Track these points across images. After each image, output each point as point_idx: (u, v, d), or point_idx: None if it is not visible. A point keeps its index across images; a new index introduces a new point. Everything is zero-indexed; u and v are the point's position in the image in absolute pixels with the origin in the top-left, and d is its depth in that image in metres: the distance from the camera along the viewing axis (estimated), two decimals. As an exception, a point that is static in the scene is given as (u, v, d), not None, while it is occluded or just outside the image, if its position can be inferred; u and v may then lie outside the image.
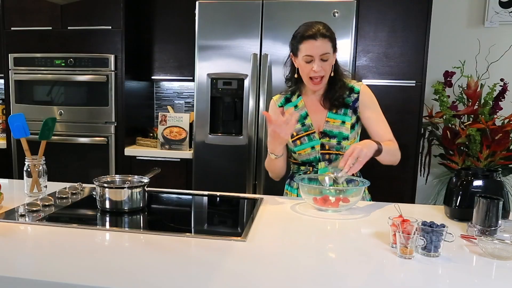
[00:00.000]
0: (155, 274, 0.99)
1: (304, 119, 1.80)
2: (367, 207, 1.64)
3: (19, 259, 1.08)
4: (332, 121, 1.77)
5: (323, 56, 1.66)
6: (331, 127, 1.76)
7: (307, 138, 1.77)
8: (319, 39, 1.64)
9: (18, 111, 3.15)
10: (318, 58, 1.66)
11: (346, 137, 1.75)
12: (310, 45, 1.65)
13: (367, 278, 1.01)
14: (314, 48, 1.65)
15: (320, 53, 1.65)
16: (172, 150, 3.08)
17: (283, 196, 1.82)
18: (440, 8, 3.11)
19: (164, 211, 1.65)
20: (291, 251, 1.18)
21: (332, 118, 1.77)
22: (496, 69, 3.09)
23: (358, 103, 1.77)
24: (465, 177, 1.48)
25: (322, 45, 1.65)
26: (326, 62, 1.68)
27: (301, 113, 1.80)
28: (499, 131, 2.73)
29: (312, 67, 1.67)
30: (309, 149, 1.77)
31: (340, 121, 1.76)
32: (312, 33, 1.65)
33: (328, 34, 1.66)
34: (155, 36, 3.24)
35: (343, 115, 1.77)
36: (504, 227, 1.31)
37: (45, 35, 3.14)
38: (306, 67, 1.69)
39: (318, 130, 1.78)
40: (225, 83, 2.80)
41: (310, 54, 1.66)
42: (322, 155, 1.76)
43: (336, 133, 1.75)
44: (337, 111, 1.77)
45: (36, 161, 1.65)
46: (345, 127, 1.75)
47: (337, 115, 1.77)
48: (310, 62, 1.68)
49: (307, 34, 1.65)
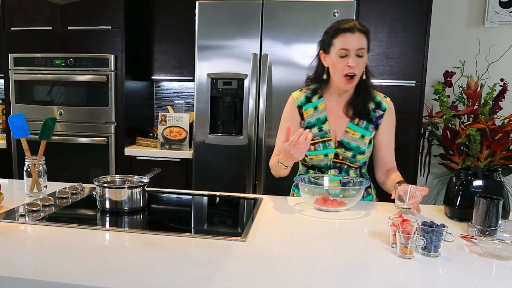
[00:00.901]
0: (155, 274, 0.99)
1: (322, 123, 1.71)
2: (367, 206, 1.64)
3: (19, 259, 1.08)
4: (351, 132, 1.70)
5: (359, 52, 1.58)
6: (349, 139, 1.69)
7: (322, 145, 1.70)
8: (356, 32, 1.57)
9: (18, 111, 3.15)
10: (354, 53, 1.57)
11: (363, 151, 1.69)
12: (346, 38, 1.57)
13: (367, 278, 1.01)
14: (350, 42, 1.57)
15: (357, 47, 1.57)
16: (172, 150, 3.08)
17: (283, 196, 1.82)
18: (440, 8, 3.11)
19: (164, 211, 1.65)
20: (291, 251, 1.18)
21: (352, 130, 1.70)
22: (496, 69, 3.09)
23: (381, 121, 1.71)
24: (465, 177, 1.48)
25: (359, 39, 1.57)
26: (361, 58, 1.59)
27: (320, 116, 1.72)
28: (499, 131, 2.73)
29: (347, 62, 1.57)
30: (322, 156, 1.71)
31: (360, 135, 1.69)
32: (349, 26, 1.57)
33: (365, 30, 1.59)
34: (155, 36, 3.24)
35: (364, 129, 1.70)
36: (504, 227, 1.31)
37: (45, 35, 3.14)
38: (340, 63, 1.59)
39: (335, 138, 1.71)
40: (225, 83, 2.80)
41: (346, 48, 1.57)
42: (333, 163, 1.71)
43: (354, 146, 1.69)
44: (358, 123, 1.70)
45: (36, 161, 1.65)
46: (364, 141, 1.69)
47: (358, 127, 1.70)
48: (344, 57, 1.58)
49: (343, 27, 1.58)
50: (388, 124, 1.73)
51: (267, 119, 2.75)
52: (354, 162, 1.71)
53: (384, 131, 1.73)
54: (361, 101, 1.69)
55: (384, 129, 1.73)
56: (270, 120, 2.75)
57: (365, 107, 1.70)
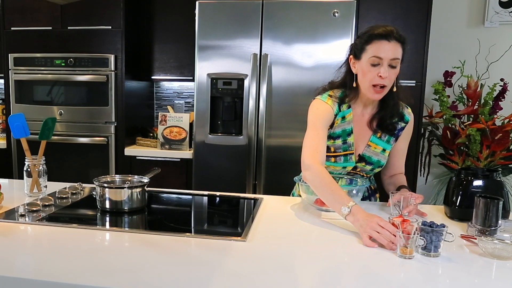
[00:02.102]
0: (155, 274, 0.99)
1: (347, 136, 1.62)
2: (367, 207, 1.63)
3: (19, 259, 1.08)
4: (374, 146, 1.63)
5: (393, 62, 1.46)
6: (371, 153, 1.64)
7: (343, 158, 1.63)
8: (392, 41, 1.44)
9: (18, 111, 3.15)
10: (387, 63, 1.45)
11: (382, 165, 1.65)
12: (381, 46, 1.44)
13: (367, 278, 1.01)
14: (385, 50, 1.44)
15: (391, 57, 1.45)
16: (172, 150, 3.08)
17: (283, 196, 1.82)
18: (440, 8, 3.11)
19: (164, 211, 1.65)
20: (291, 251, 1.18)
21: (374, 143, 1.63)
22: (496, 69, 3.08)
23: (401, 132, 1.66)
24: (465, 177, 1.48)
25: (395, 48, 1.45)
26: (394, 69, 1.48)
27: (347, 128, 1.62)
28: (499, 131, 2.73)
29: (379, 72, 1.45)
30: (340, 168, 1.65)
31: (381, 148, 1.64)
32: (386, 32, 1.44)
33: (402, 40, 1.47)
34: (155, 36, 3.24)
35: (386, 143, 1.64)
36: (504, 227, 1.31)
37: (45, 35, 3.14)
38: (371, 72, 1.47)
39: (356, 151, 1.64)
40: (225, 83, 2.80)
41: (379, 56, 1.45)
42: (347, 173, 1.67)
43: (375, 160, 1.64)
44: (381, 136, 1.63)
45: (36, 161, 1.65)
46: (384, 155, 1.64)
47: (380, 140, 1.64)
48: (376, 66, 1.46)
49: (379, 33, 1.45)
50: (406, 135, 1.69)
51: (267, 119, 2.75)
52: (370, 174, 1.70)
53: (402, 141, 1.69)
54: (389, 117, 1.61)
55: (402, 139, 1.68)
56: (270, 120, 2.75)
57: (393, 123, 1.62)
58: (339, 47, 2.62)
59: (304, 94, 2.68)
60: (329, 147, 1.62)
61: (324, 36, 2.64)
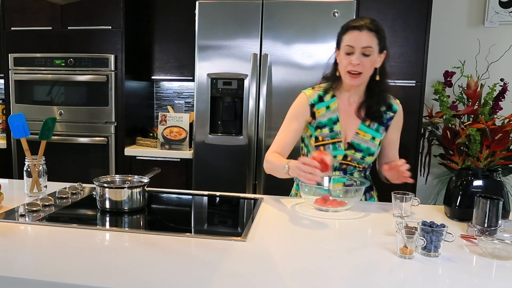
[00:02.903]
0: (155, 274, 0.99)
1: (334, 124, 1.69)
2: (367, 206, 1.64)
3: (19, 259, 1.08)
4: (362, 134, 1.69)
5: (365, 50, 1.57)
6: (360, 141, 1.68)
7: (331, 147, 1.68)
8: (364, 31, 1.56)
9: (18, 111, 3.15)
10: (359, 51, 1.57)
11: (372, 153, 1.69)
12: (353, 36, 1.58)
13: (367, 278, 1.01)
14: (355, 39, 1.57)
15: (362, 45, 1.56)
16: (172, 150, 3.08)
17: (283, 196, 1.82)
18: (440, 8, 3.11)
19: (164, 211, 1.65)
20: (291, 251, 1.18)
21: (363, 131, 1.69)
22: (496, 69, 3.09)
23: (391, 122, 1.71)
24: (465, 177, 1.48)
25: (366, 37, 1.56)
26: (367, 57, 1.58)
27: (332, 116, 1.69)
28: (499, 131, 2.73)
29: (351, 59, 1.58)
30: None
31: (370, 136, 1.69)
32: (359, 24, 1.58)
33: (375, 29, 1.58)
34: (155, 36, 3.24)
35: (375, 131, 1.70)
36: (504, 227, 1.31)
37: (45, 35, 3.14)
38: (345, 59, 1.60)
39: (345, 140, 1.69)
40: (225, 83, 2.80)
41: (351, 45, 1.58)
42: (340, 164, 1.70)
43: (364, 147, 1.68)
44: (369, 125, 1.69)
45: (36, 161, 1.65)
46: (374, 143, 1.69)
47: (369, 129, 1.69)
48: (350, 54, 1.59)
49: (353, 25, 1.59)
50: (396, 125, 1.74)
51: (267, 119, 2.75)
52: (362, 163, 1.70)
53: (392, 131, 1.74)
54: (375, 103, 1.68)
55: (392, 129, 1.73)
56: (270, 120, 2.75)
57: (379, 110, 1.69)
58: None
59: (304, 94, 2.67)
60: (317, 137, 1.70)
61: (324, 36, 2.64)
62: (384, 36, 1.61)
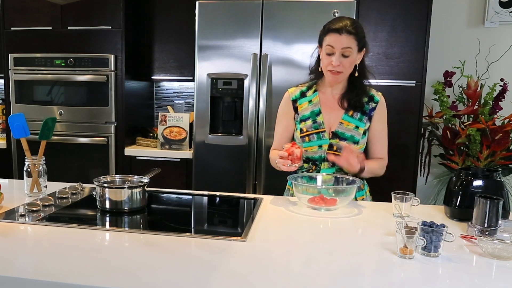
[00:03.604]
0: (155, 274, 0.99)
1: (316, 116, 1.78)
2: (367, 206, 1.64)
3: (19, 259, 1.08)
4: (346, 123, 1.76)
5: (344, 51, 1.66)
6: (343, 130, 1.75)
7: (316, 136, 1.76)
8: (344, 34, 1.65)
9: (18, 111, 3.15)
10: (339, 52, 1.66)
11: (357, 141, 1.75)
12: (333, 38, 1.66)
13: (367, 278, 1.01)
14: (335, 41, 1.66)
15: (341, 47, 1.65)
16: (172, 150, 3.08)
17: (283, 196, 1.82)
18: (440, 8, 3.11)
19: (164, 211, 1.65)
20: (291, 250, 1.18)
21: (346, 121, 1.76)
22: (496, 69, 3.08)
23: (374, 113, 1.78)
24: (465, 177, 1.48)
25: (346, 40, 1.65)
26: (346, 58, 1.67)
27: (314, 109, 1.78)
28: (499, 131, 2.73)
29: (332, 60, 1.67)
30: (316, 147, 1.76)
31: (354, 125, 1.76)
32: (339, 27, 1.65)
33: (354, 31, 1.66)
34: (155, 36, 3.24)
35: (358, 120, 1.76)
36: (504, 227, 1.31)
37: (45, 35, 3.14)
38: (326, 59, 1.70)
39: (330, 129, 1.77)
40: (225, 83, 2.80)
41: (332, 45, 1.66)
42: (327, 154, 1.75)
43: (348, 136, 1.75)
44: (352, 115, 1.76)
45: (36, 161, 1.65)
46: (358, 131, 1.75)
47: (352, 118, 1.76)
48: (331, 55, 1.68)
49: (333, 27, 1.67)
50: (380, 117, 1.80)
51: (267, 119, 2.75)
52: None
53: (376, 123, 1.79)
54: (355, 95, 1.76)
55: (376, 121, 1.79)
56: (270, 120, 2.75)
57: (360, 100, 1.77)
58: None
59: (304, 94, 2.68)
60: (301, 129, 1.79)
61: (324, 36, 2.64)
62: (363, 36, 1.70)
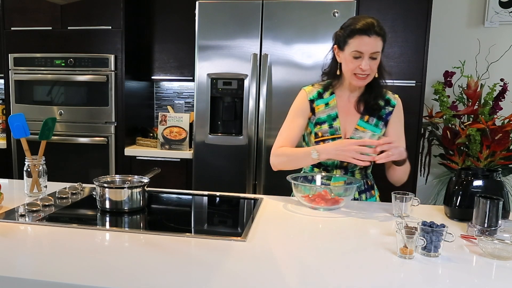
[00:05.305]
0: (155, 274, 0.99)
1: (333, 120, 1.70)
2: (367, 206, 1.64)
3: (19, 259, 1.08)
4: (361, 129, 1.69)
5: (373, 55, 1.57)
6: (359, 136, 1.68)
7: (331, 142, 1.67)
8: (373, 36, 1.54)
9: (18, 111, 3.15)
10: (368, 56, 1.56)
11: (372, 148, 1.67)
12: (361, 41, 1.55)
13: (367, 278, 1.01)
14: (365, 45, 1.54)
15: (371, 51, 1.55)
16: (172, 150, 3.08)
17: (283, 196, 1.82)
18: (440, 8, 3.11)
19: (164, 211, 1.65)
20: (291, 251, 1.18)
21: (362, 127, 1.69)
22: (496, 69, 3.09)
23: (390, 117, 1.71)
24: (465, 177, 1.48)
25: (375, 42, 1.55)
26: (374, 60, 1.59)
27: (331, 113, 1.71)
28: (499, 131, 2.73)
29: (360, 64, 1.57)
30: None
31: (370, 132, 1.69)
32: (366, 27, 1.54)
33: (382, 32, 1.56)
34: (155, 36, 3.24)
35: (374, 126, 1.70)
36: (504, 227, 1.31)
37: (45, 35, 3.14)
38: (353, 63, 1.59)
39: (345, 135, 1.70)
40: (225, 83, 2.80)
41: (360, 51, 1.55)
42: (340, 162, 1.69)
43: None
44: (368, 120, 1.70)
45: (36, 161, 1.65)
46: (374, 138, 1.67)
47: (368, 124, 1.69)
48: (358, 58, 1.57)
49: (360, 28, 1.54)
50: (397, 120, 1.73)
51: (267, 119, 2.75)
52: None
53: (394, 126, 1.73)
54: (372, 98, 1.69)
55: (393, 124, 1.72)
56: (270, 120, 2.75)
57: (377, 104, 1.69)
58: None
59: (304, 94, 2.68)
60: (316, 133, 1.71)
61: (324, 36, 2.64)
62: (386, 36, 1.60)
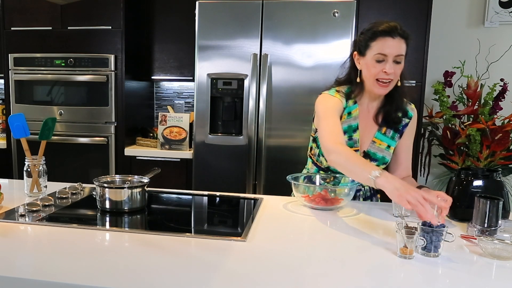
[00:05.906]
0: (155, 274, 0.99)
1: (353, 132, 1.62)
2: (367, 207, 1.64)
3: (19, 259, 1.08)
4: (378, 142, 1.64)
5: (397, 58, 1.48)
6: (376, 150, 1.64)
7: None
8: (396, 37, 1.46)
9: (18, 111, 3.15)
10: (392, 59, 1.48)
11: (387, 162, 1.65)
12: (385, 43, 1.47)
13: (367, 278, 1.01)
14: (389, 47, 1.46)
15: (396, 54, 1.47)
16: (172, 150, 3.08)
17: (283, 196, 1.82)
18: (440, 8, 3.11)
19: (164, 211, 1.65)
20: (291, 250, 1.18)
21: (379, 140, 1.64)
22: (496, 69, 3.09)
23: (406, 129, 1.66)
24: (465, 177, 1.48)
25: (399, 45, 1.47)
26: (398, 65, 1.50)
27: (352, 124, 1.62)
28: (499, 131, 2.73)
29: (383, 68, 1.48)
30: None
31: (386, 145, 1.64)
32: (389, 29, 1.46)
33: (406, 35, 1.49)
34: (155, 36, 3.24)
35: (390, 139, 1.65)
36: (504, 227, 1.31)
37: (45, 35, 3.14)
38: (376, 67, 1.50)
39: (361, 148, 1.65)
40: (225, 83, 2.80)
41: (384, 53, 1.47)
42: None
43: (380, 157, 1.64)
44: (385, 132, 1.64)
45: (36, 161, 1.65)
46: (389, 152, 1.65)
47: (385, 137, 1.64)
48: (381, 62, 1.49)
49: (383, 29, 1.47)
50: (411, 132, 1.69)
51: (267, 119, 2.75)
52: None
53: (406, 138, 1.69)
54: (394, 110, 1.62)
55: (406, 136, 1.68)
56: (270, 120, 2.75)
57: (398, 117, 1.63)
58: (339, 47, 2.62)
59: (304, 94, 2.68)
60: None
61: (324, 36, 2.64)
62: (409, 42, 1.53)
